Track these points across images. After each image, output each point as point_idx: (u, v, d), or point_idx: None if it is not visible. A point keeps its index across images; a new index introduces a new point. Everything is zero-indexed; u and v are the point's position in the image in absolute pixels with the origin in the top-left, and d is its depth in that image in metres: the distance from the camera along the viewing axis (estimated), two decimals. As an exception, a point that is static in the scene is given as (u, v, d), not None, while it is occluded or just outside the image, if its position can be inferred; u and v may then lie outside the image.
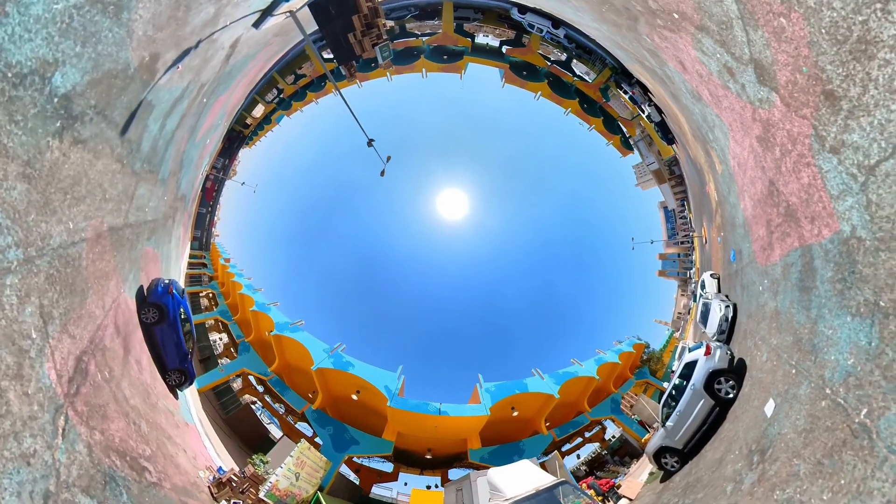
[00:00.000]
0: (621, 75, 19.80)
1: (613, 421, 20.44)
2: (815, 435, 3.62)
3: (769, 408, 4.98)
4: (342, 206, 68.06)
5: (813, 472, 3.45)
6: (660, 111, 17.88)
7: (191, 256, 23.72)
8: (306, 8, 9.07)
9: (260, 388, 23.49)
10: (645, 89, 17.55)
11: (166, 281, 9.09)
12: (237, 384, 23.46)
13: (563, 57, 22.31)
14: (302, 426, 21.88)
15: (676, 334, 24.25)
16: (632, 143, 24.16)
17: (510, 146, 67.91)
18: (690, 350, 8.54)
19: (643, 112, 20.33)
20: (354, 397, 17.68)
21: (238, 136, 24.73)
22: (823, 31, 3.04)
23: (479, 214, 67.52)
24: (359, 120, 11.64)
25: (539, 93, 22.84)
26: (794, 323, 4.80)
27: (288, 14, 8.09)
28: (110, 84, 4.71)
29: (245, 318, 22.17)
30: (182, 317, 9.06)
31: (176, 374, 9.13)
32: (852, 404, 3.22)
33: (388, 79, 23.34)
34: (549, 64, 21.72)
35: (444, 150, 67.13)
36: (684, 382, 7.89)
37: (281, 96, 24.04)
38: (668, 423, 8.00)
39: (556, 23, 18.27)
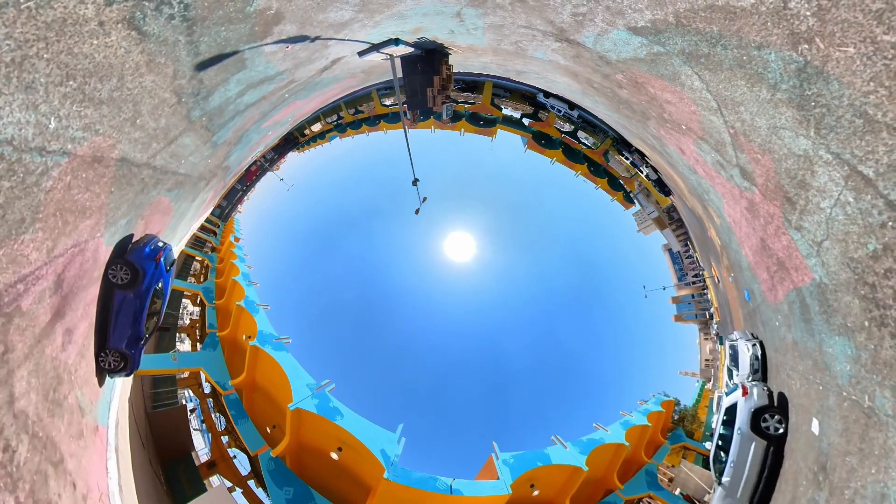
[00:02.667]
0: (621, 144, 22.71)
1: (653, 499, 17.26)
2: (850, 430, 4.45)
3: (815, 426, 5.37)
4: (359, 227, 69.15)
5: (860, 459, 4.17)
6: (656, 171, 20.03)
7: (207, 220, 22.79)
8: (399, 57, 9.81)
9: (208, 388, 19.35)
10: (643, 155, 19.89)
11: (160, 243, 7.37)
12: (184, 373, 19.04)
13: (571, 128, 25.98)
14: (240, 458, 17.03)
15: (708, 385, 21.96)
16: (632, 196, 26.20)
17: (526, 201, 69.25)
18: (727, 394, 8.26)
19: (641, 172, 22.62)
20: (335, 456, 13.44)
21: (293, 140, 27.90)
22: (784, 170, 4.63)
23: (487, 259, 66.40)
24: (412, 158, 12.15)
25: (554, 158, 26.42)
26: (808, 349, 5.72)
27: (388, 57, 8.88)
28: (221, 2, 3.89)
29: (227, 308, 18.71)
30: (157, 291, 7.19)
31: (115, 356, 6.88)
32: (860, 397, 4.18)
33: (431, 130, 27.28)
34: (562, 135, 25.50)
35: (463, 197, 68.48)
36: (729, 430, 7.41)
37: (339, 121, 28.40)
38: (724, 479, 7.27)
39: (572, 105, 21.64)
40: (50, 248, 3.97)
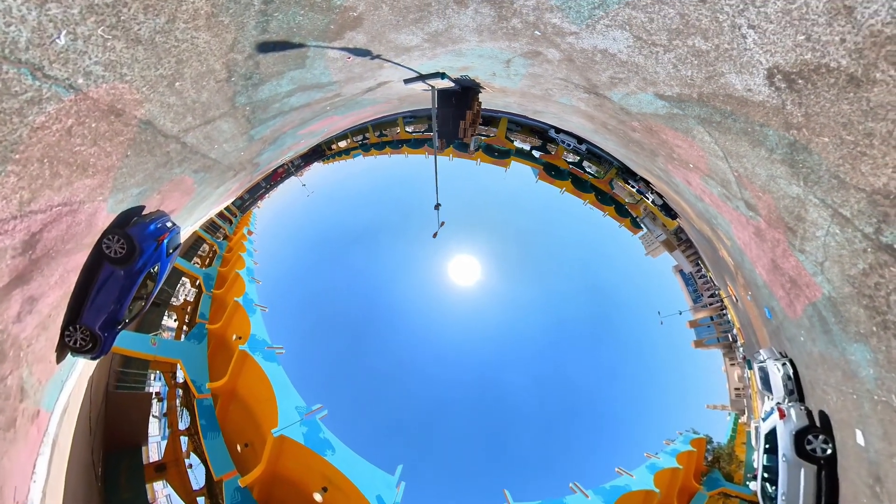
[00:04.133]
0: (625, 173, 23.67)
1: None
2: (889, 432, 4.70)
3: (860, 438, 5.35)
4: (368, 242, 69.10)
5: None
6: (661, 196, 20.61)
7: (225, 208, 22.57)
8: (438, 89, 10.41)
9: (181, 377, 16.59)
10: (648, 182, 20.57)
11: (168, 224, 6.73)
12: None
13: (576, 159, 26.79)
14: (197, 467, 14.57)
15: (742, 419, 19.05)
16: (638, 221, 26.66)
17: (535, 229, 68.95)
18: (764, 419, 7.86)
19: (647, 198, 22.94)
20: (318, 497, 11.41)
21: (320, 151, 29.73)
22: (782, 206, 5.42)
23: (493, 285, 65.53)
24: (437, 184, 12.47)
25: (564, 188, 27.63)
26: (834, 359, 5.90)
27: (430, 88, 9.48)
28: None
29: (223, 301, 17.48)
30: (150, 275, 6.42)
31: (85, 334, 5.97)
32: (888, 396, 4.49)
33: (450, 158, 28.47)
34: (570, 166, 26.94)
35: (474, 222, 68.02)
36: (773, 459, 6.99)
37: (365, 141, 30.23)
38: None
39: (580, 140, 22.70)
40: (25, 199, 3.24)
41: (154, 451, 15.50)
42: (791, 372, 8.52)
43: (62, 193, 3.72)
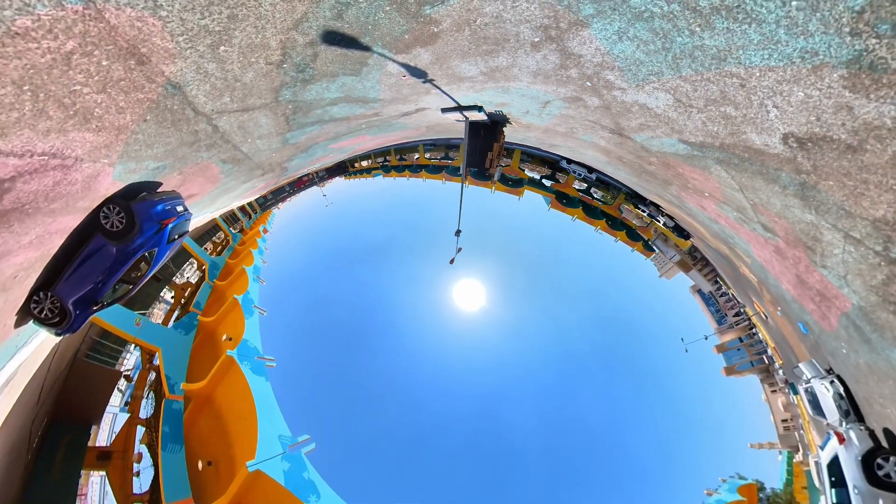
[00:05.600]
0: (634, 198, 24.30)
1: None
2: None
3: None
4: (377, 257, 70.16)
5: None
6: (672, 218, 20.98)
7: (247, 203, 23.05)
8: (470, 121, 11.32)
9: (154, 363, 15.00)
10: (658, 206, 21.19)
11: (179, 208, 6.10)
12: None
13: (584, 187, 27.16)
14: (147, 460, 12.31)
15: (798, 456, 15.74)
16: (650, 244, 26.97)
17: (546, 257, 69.15)
18: (822, 447, 7.17)
19: (658, 220, 22.87)
20: None
21: (344, 167, 32.73)
22: (799, 229, 5.72)
23: (498, 313, 64.32)
24: (461, 209, 12.64)
25: (575, 216, 28.73)
26: (882, 368, 5.76)
27: (464, 119, 9.99)
28: None
29: (223, 294, 16.50)
30: (146, 258, 5.72)
31: (54, 306, 5.23)
32: None
33: (466, 185, 29.97)
34: (580, 194, 28.21)
35: (485, 248, 68.40)
36: (843, 492, 6.24)
37: (386, 162, 33.27)
38: None
39: (591, 169, 23.10)
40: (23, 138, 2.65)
41: (104, 435, 13.36)
42: (842, 389, 7.77)
43: (50, 140, 3.05)
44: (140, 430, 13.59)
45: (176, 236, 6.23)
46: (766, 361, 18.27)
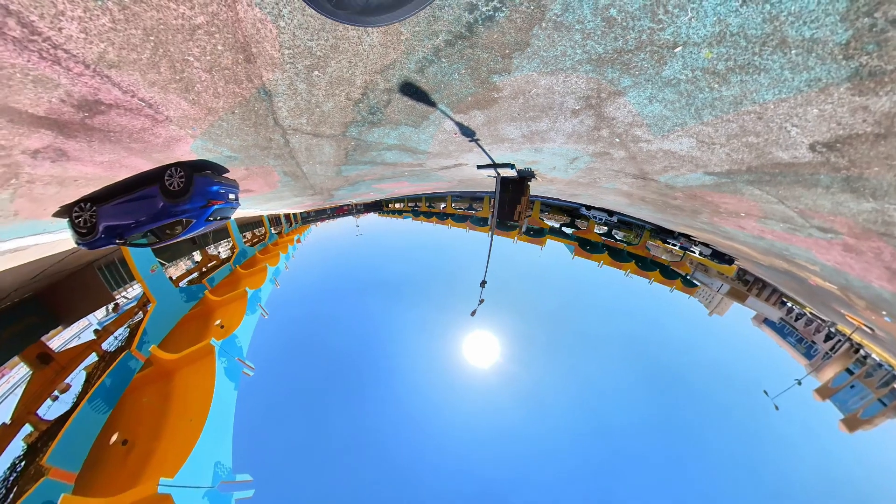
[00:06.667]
0: (660, 233, 23.69)
1: None
2: None
3: None
4: (389, 291, 68.22)
5: None
6: (708, 245, 19.32)
7: (293, 213, 28.31)
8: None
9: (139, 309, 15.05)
10: (688, 236, 20.32)
11: (231, 196, 6.40)
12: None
13: (605, 230, 27.07)
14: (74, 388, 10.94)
15: None
16: (690, 279, 24.48)
17: (572, 307, 63.19)
18: None
19: (693, 251, 20.85)
20: None
21: (379, 205, 38.44)
22: (862, 220, 5.49)
23: (513, 372, 56.36)
24: (489, 260, 13.20)
25: (601, 262, 28.12)
26: None
27: (496, 175, 10.70)
28: (503, 48, 3.50)
29: (236, 281, 16.67)
30: (181, 224, 6.02)
31: (90, 219, 5.73)
32: None
33: (489, 235, 31.47)
34: (602, 238, 28.48)
35: (504, 299, 64.03)
36: None
37: (416, 207, 38.62)
38: None
39: (611, 213, 24.21)
40: (108, 58, 2.80)
41: (58, 342, 12.91)
42: None
43: (152, 92, 3.39)
44: (92, 358, 12.61)
45: (218, 217, 6.53)
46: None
